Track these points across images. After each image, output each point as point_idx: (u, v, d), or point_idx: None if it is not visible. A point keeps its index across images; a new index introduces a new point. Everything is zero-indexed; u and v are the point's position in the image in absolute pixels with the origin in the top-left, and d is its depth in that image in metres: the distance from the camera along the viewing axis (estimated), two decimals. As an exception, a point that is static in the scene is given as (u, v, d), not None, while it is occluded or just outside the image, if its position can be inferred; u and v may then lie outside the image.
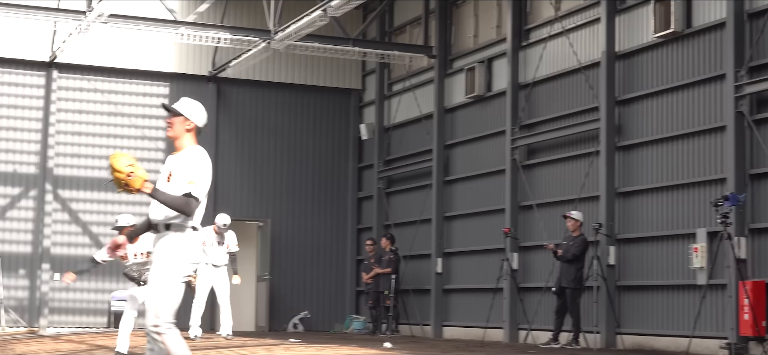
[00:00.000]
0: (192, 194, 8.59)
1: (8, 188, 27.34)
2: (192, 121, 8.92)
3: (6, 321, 27.04)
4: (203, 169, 8.77)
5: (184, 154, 8.82)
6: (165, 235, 8.65)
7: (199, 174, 8.71)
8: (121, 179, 8.52)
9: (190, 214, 8.60)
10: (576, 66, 21.78)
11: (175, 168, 8.78)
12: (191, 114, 8.93)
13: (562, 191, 22.17)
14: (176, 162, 8.79)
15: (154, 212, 8.77)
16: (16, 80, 27.60)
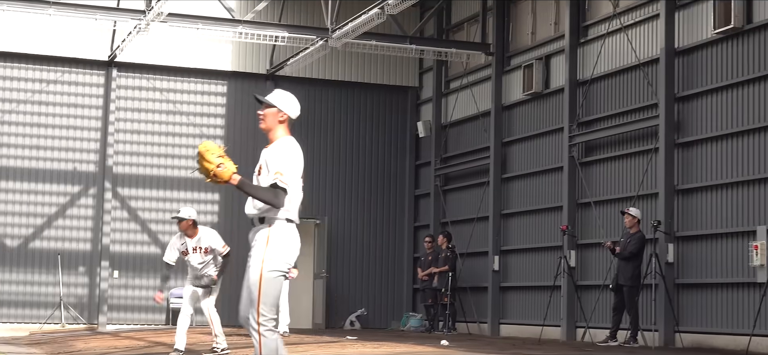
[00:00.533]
0: (279, 184, 8.51)
1: (68, 186, 27.59)
2: (285, 112, 8.86)
3: (66, 318, 27.28)
4: (292, 160, 8.68)
5: (274, 145, 8.78)
6: (259, 229, 8.59)
7: (288, 164, 8.62)
8: (211, 170, 8.50)
9: (277, 205, 8.50)
10: (635, 63, 21.63)
11: (266, 160, 8.75)
12: (284, 105, 8.87)
13: (620, 188, 22.03)
14: (267, 154, 8.76)
15: (248, 207, 8.74)
16: (77, 79, 27.85)
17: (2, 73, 27.38)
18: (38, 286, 27.33)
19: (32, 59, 27.52)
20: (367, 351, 16.15)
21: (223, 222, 28.44)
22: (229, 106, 28.84)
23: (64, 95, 27.76)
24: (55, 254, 27.36)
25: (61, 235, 27.53)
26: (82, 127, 27.82)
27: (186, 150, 28.46)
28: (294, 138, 8.85)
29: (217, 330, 16.05)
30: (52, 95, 27.66)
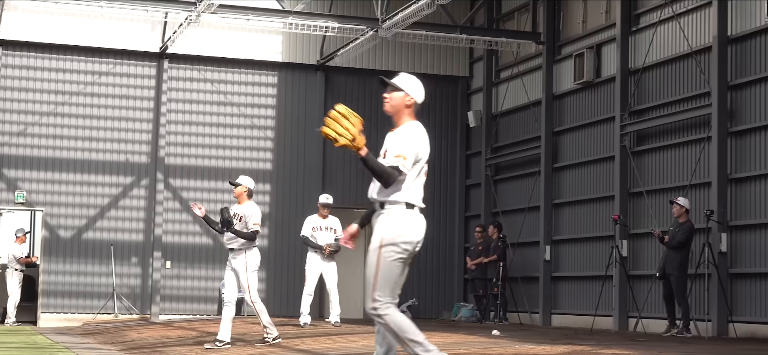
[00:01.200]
0: (398, 167, 8.49)
1: (120, 177, 27.78)
2: (412, 97, 8.86)
3: (119, 308, 27.48)
4: (414, 144, 8.67)
5: (399, 130, 8.75)
6: (380, 213, 8.60)
7: (409, 149, 8.61)
8: (352, 134, 8.52)
9: (388, 184, 8.47)
10: (687, 51, 21.47)
11: (389, 144, 8.74)
12: (411, 90, 8.88)
13: (672, 177, 21.89)
14: (392, 138, 8.75)
15: (371, 191, 8.74)
16: (128, 71, 28.02)
17: (55, 65, 27.59)
18: (91, 276, 27.54)
19: (85, 51, 27.72)
20: (418, 341, 16.13)
21: (274, 212, 28.54)
22: (280, 97, 28.91)
23: (116, 87, 27.94)
24: (108, 244, 27.57)
25: (113, 226, 27.73)
26: (135, 119, 27.99)
27: (237, 141, 28.57)
28: (420, 123, 8.71)
29: (265, 320, 16.05)
30: (104, 87, 27.85)
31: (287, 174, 28.75)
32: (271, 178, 28.69)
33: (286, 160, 28.77)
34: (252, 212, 16.03)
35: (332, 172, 28.93)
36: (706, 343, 17.10)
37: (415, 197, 8.61)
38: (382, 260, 8.45)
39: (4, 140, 27.07)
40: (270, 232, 28.55)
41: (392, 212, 8.53)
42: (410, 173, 8.60)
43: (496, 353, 13.40)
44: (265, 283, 28.39)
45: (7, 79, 27.26)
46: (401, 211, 8.53)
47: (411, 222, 8.56)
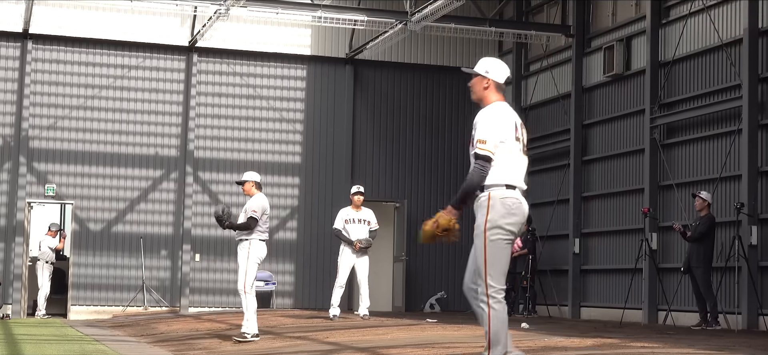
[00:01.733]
0: (480, 154, 8.51)
1: (150, 170, 27.87)
2: (488, 78, 8.85)
3: (148, 301, 27.58)
4: (495, 126, 8.65)
5: (480, 113, 8.76)
6: (481, 197, 8.63)
7: (490, 132, 8.60)
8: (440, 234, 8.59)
9: (483, 176, 8.51)
10: (717, 43, 21.37)
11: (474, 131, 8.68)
12: (486, 71, 8.86)
13: (702, 170, 21.79)
14: (475, 123, 8.71)
15: None
16: (158, 65, 28.10)
17: (85, 59, 27.70)
18: (121, 269, 27.65)
19: (114, 45, 27.82)
20: (448, 334, 16.14)
21: (302, 205, 28.58)
22: (309, 90, 28.93)
23: (145, 81, 28.03)
24: (138, 237, 27.67)
25: (143, 219, 27.83)
26: (164, 112, 28.07)
27: (266, 134, 28.61)
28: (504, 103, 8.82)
29: (249, 315, 15.93)
30: (133, 81, 27.94)
31: (316, 167, 28.78)
32: (299, 171, 28.72)
33: (315, 154, 28.80)
34: (252, 202, 16.03)
35: (361, 165, 28.94)
36: (736, 336, 17.01)
37: (514, 177, 8.64)
38: (488, 243, 8.54)
39: (34, 134, 27.20)
40: (299, 225, 28.60)
41: (492, 195, 8.54)
42: (501, 154, 8.60)
43: (525, 345, 13.37)
44: (293, 276, 28.44)
45: (38, 73, 27.38)
46: (500, 193, 8.57)
47: (512, 203, 8.60)
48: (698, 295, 19.89)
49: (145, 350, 15.95)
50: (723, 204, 20.85)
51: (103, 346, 16.14)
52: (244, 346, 15.31)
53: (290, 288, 28.49)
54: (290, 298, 28.35)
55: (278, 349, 14.43)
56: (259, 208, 15.97)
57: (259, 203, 16.02)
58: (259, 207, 15.98)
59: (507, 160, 8.59)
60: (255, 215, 15.90)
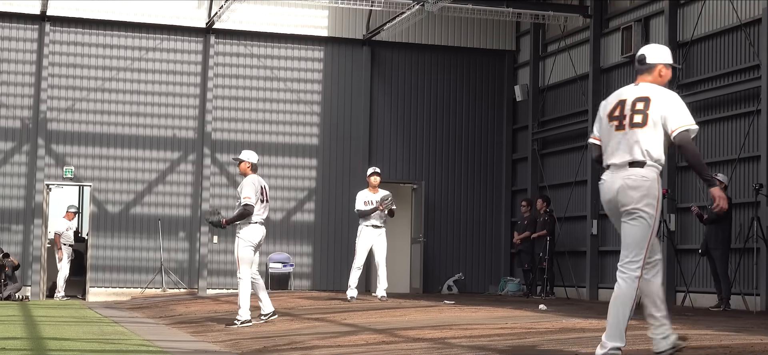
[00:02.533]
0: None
1: (168, 152, 27.91)
2: (658, 64, 8.97)
3: (166, 283, 27.64)
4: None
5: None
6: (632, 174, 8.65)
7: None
8: None
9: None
10: (736, 23, 21.27)
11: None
12: (659, 59, 9.03)
13: (720, 150, 21.72)
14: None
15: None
16: (175, 47, 28.12)
17: (102, 41, 27.74)
18: (139, 251, 27.71)
19: (132, 27, 27.85)
20: (465, 315, 16.14)
21: (320, 186, 28.59)
22: (326, 72, 28.92)
23: (163, 62, 28.05)
24: (156, 219, 27.72)
25: (161, 201, 27.87)
26: (181, 94, 28.10)
27: (283, 116, 28.61)
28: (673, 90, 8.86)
29: (242, 301, 15.88)
30: (151, 62, 27.97)
31: (333, 149, 28.78)
32: (317, 153, 28.73)
33: (332, 135, 28.80)
34: (244, 185, 15.96)
35: (378, 147, 28.92)
36: (754, 317, 16.98)
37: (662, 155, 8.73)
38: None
39: (52, 116, 27.26)
40: (316, 206, 28.62)
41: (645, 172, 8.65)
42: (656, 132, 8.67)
43: (543, 327, 13.37)
44: (311, 257, 28.47)
45: (55, 55, 27.43)
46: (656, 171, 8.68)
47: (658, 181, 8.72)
48: (716, 277, 19.87)
49: (164, 331, 16.00)
50: (741, 185, 20.78)
51: (121, 327, 16.20)
52: (261, 327, 15.33)
53: (308, 270, 28.52)
54: (308, 280, 28.38)
55: (296, 330, 14.45)
56: (252, 194, 15.87)
57: (251, 187, 15.90)
58: (252, 192, 15.88)
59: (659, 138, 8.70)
60: (249, 202, 15.83)
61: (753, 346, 9.80)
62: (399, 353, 10.60)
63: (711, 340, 10.80)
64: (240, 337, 14.07)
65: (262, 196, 15.99)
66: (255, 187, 15.86)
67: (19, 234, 27.08)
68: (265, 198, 16.05)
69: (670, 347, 8.83)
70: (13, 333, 14.26)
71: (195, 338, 14.72)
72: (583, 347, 10.28)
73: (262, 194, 16.00)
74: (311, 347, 12.05)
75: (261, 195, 15.98)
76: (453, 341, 11.71)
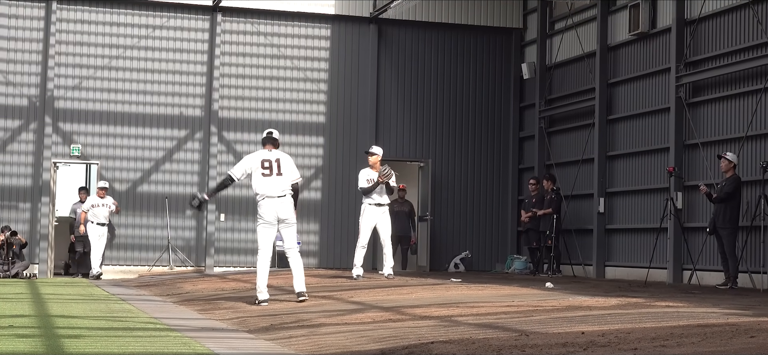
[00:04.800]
0: None
1: (175, 130, 27.92)
2: None
3: (174, 261, 27.68)
4: None
5: None
6: None
7: None
8: None
9: None
10: (744, 1, 21.21)
11: None
12: None
13: (728, 128, 21.68)
14: None
15: None
16: (182, 24, 28.11)
17: (109, 19, 27.74)
18: (146, 229, 27.76)
19: (138, 5, 27.85)
20: (472, 293, 16.17)
21: (327, 164, 28.61)
22: (333, 50, 28.90)
23: (170, 40, 28.05)
24: (163, 197, 27.75)
25: (168, 179, 27.90)
26: (188, 72, 28.10)
27: (290, 94, 28.61)
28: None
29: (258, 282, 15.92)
30: (158, 41, 27.97)
31: (340, 127, 28.77)
32: (324, 131, 28.73)
33: (339, 114, 28.79)
34: None
35: (385, 125, 28.91)
36: (761, 295, 16.99)
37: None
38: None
39: (59, 94, 27.27)
40: (323, 185, 28.63)
41: None
42: None
43: (550, 305, 13.39)
44: (318, 235, 28.50)
45: (62, 33, 27.43)
46: None
47: None
48: (724, 255, 19.87)
49: (171, 309, 16.04)
50: (749, 163, 20.75)
51: (129, 305, 16.23)
52: (271, 306, 15.36)
53: (315, 248, 28.55)
54: (315, 258, 28.41)
55: (304, 308, 14.48)
56: (239, 165, 16.21)
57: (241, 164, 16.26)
58: (239, 166, 16.24)
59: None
60: (230, 172, 16.14)
61: (760, 324, 9.81)
62: (406, 331, 10.62)
63: (718, 318, 10.81)
64: (247, 315, 14.10)
65: (263, 170, 15.98)
66: (242, 164, 16.07)
67: (26, 212, 27.12)
68: (271, 171, 16.03)
69: None
70: (21, 311, 14.31)
71: (202, 315, 14.75)
72: (589, 326, 10.30)
73: (263, 166, 16.00)
74: (318, 324, 12.08)
75: (263, 168, 15.98)
76: (460, 318, 11.73)
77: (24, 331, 11.24)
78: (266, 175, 15.95)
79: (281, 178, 15.96)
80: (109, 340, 10.56)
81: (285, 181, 15.98)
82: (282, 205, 15.90)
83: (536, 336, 9.40)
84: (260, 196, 15.91)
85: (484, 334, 9.94)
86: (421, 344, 9.26)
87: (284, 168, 16.04)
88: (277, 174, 15.98)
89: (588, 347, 8.43)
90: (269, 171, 15.95)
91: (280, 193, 15.90)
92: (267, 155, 16.10)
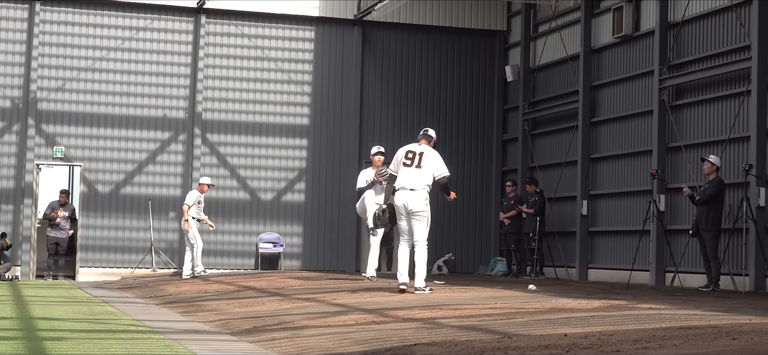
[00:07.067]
0: None
1: (158, 132, 27.88)
2: None
3: (156, 263, 27.64)
4: None
5: None
6: None
7: None
8: None
9: None
10: (727, 4, 21.27)
11: None
12: None
13: (711, 131, 21.74)
14: None
15: None
16: (166, 26, 28.08)
17: (93, 20, 27.69)
18: (129, 231, 27.71)
19: (122, 7, 27.81)
20: (455, 296, 16.17)
21: (311, 167, 28.59)
22: (317, 52, 28.89)
23: (154, 42, 28.02)
24: (146, 199, 27.71)
25: (151, 181, 27.86)
26: (172, 74, 28.07)
27: (274, 96, 28.60)
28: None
29: None
30: (142, 42, 27.94)
31: (324, 129, 28.77)
32: (307, 133, 28.72)
33: (323, 116, 28.79)
34: None
35: (369, 127, 28.92)
36: (743, 297, 17.03)
37: None
38: None
39: (42, 96, 27.22)
40: (307, 187, 28.61)
41: None
42: None
43: (533, 307, 13.40)
44: (301, 238, 28.48)
45: (46, 34, 27.38)
46: None
47: None
48: (706, 257, 19.93)
49: (154, 311, 16.01)
50: (731, 165, 20.81)
51: (111, 307, 16.20)
52: (254, 307, 15.35)
53: (298, 250, 28.53)
54: (298, 260, 28.39)
55: (286, 310, 14.48)
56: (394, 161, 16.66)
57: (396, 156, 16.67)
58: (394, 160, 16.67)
59: None
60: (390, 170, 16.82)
61: (742, 326, 9.84)
62: (389, 333, 10.62)
63: (700, 320, 10.84)
64: (230, 317, 14.08)
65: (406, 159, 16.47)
66: None
67: (9, 214, 27.05)
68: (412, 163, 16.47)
69: None
70: (3, 313, 14.27)
71: (185, 317, 14.73)
72: (572, 328, 10.31)
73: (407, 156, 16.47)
74: (301, 326, 12.07)
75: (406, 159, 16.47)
76: (443, 320, 11.74)
77: (6, 334, 11.21)
78: (407, 165, 16.38)
79: (420, 171, 16.32)
80: (92, 342, 10.54)
81: (423, 175, 16.32)
82: (412, 197, 16.23)
83: (519, 338, 9.41)
84: (396, 185, 16.35)
85: (467, 336, 9.95)
86: (404, 346, 9.26)
87: (426, 162, 16.37)
88: (417, 167, 16.32)
89: (570, 349, 8.44)
90: (410, 162, 16.35)
91: (413, 185, 16.27)
92: (413, 147, 16.58)
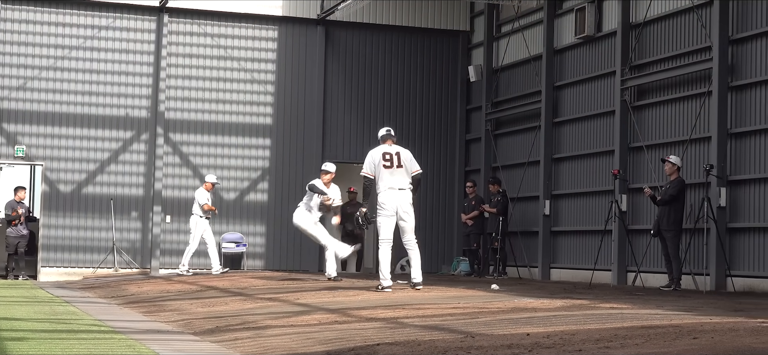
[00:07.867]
0: None
1: (120, 131, 27.77)
2: None
3: (119, 263, 27.53)
4: None
5: None
6: None
7: None
8: None
9: None
10: (688, 5, 21.40)
11: None
12: None
13: (672, 132, 21.86)
14: None
15: None
16: (128, 25, 27.97)
17: (55, 19, 27.54)
18: (91, 231, 27.58)
19: (84, 5, 27.68)
20: (418, 295, 16.19)
21: (273, 166, 28.56)
22: (280, 52, 28.86)
23: (116, 41, 27.90)
24: (108, 199, 27.59)
25: (113, 180, 27.75)
26: (134, 73, 27.97)
27: (237, 95, 28.55)
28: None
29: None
30: (104, 41, 27.82)
31: (287, 129, 28.74)
32: (270, 133, 28.68)
33: (286, 115, 28.76)
34: None
35: (332, 127, 28.91)
36: (704, 297, 17.14)
37: None
38: None
39: (3, 95, 27.06)
40: (269, 186, 28.58)
41: None
42: None
43: (495, 307, 13.43)
44: (264, 237, 28.44)
45: (7, 33, 27.22)
46: None
47: None
48: (667, 257, 20.03)
49: (116, 311, 15.95)
50: (693, 166, 20.94)
51: (73, 307, 16.12)
52: (217, 307, 15.31)
53: (261, 250, 28.49)
54: (261, 259, 28.35)
55: (249, 310, 14.45)
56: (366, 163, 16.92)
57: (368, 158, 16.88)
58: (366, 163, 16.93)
59: None
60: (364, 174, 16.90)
61: (703, 325, 9.90)
62: (352, 333, 10.63)
63: (661, 319, 10.90)
64: (192, 317, 14.05)
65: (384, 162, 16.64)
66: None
67: (-31, 213, 26.90)
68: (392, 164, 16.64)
69: None
70: (-36, 313, 14.16)
71: (147, 317, 14.68)
72: (534, 327, 10.35)
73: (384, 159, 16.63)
74: (264, 326, 12.06)
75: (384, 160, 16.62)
76: (406, 320, 11.75)
77: (-34, 333, 11.13)
78: (388, 167, 16.55)
79: (401, 170, 16.64)
80: (53, 342, 10.48)
81: (405, 173, 16.65)
82: (403, 197, 16.73)
83: (482, 338, 9.43)
84: (383, 187, 16.54)
85: (430, 335, 9.96)
86: (367, 346, 9.26)
87: (404, 161, 16.66)
88: (398, 167, 16.59)
89: (533, 348, 8.47)
90: (390, 163, 16.54)
91: (401, 185, 16.64)
92: (386, 149, 16.67)
